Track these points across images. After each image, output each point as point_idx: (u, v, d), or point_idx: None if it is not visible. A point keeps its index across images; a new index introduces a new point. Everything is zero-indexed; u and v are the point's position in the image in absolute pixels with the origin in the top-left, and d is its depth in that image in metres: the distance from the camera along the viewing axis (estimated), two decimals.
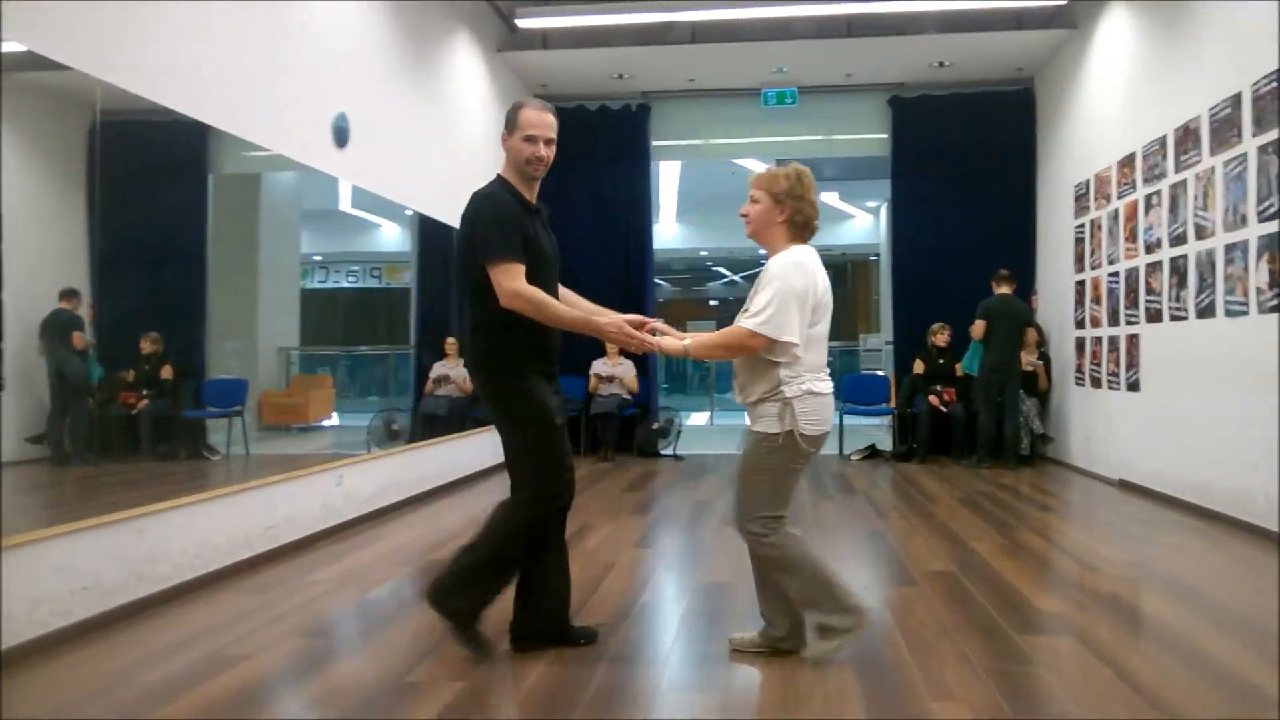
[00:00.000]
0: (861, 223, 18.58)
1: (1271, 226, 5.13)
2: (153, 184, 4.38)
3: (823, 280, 3.14)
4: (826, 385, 3.15)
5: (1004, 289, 8.58)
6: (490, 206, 3.17)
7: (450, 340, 7.84)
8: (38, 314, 3.74)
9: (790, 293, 3.00)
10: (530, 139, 3.21)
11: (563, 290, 3.44)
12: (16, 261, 3.55)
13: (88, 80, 3.77)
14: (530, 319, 3.11)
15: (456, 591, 3.24)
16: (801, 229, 3.20)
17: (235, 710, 2.87)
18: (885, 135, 10.04)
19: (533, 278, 3.13)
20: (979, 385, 8.62)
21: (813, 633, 3.21)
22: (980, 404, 8.58)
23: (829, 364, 3.23)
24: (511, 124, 3.26)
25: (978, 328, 8.55)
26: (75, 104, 3.80)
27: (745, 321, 3.03)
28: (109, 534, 3.79)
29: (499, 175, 3.31)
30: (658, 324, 3.35)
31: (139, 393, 4.32)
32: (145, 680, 3.11)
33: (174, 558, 4.17)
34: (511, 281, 3.07)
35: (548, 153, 3.23)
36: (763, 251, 3.27)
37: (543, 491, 3.25)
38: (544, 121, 3.24)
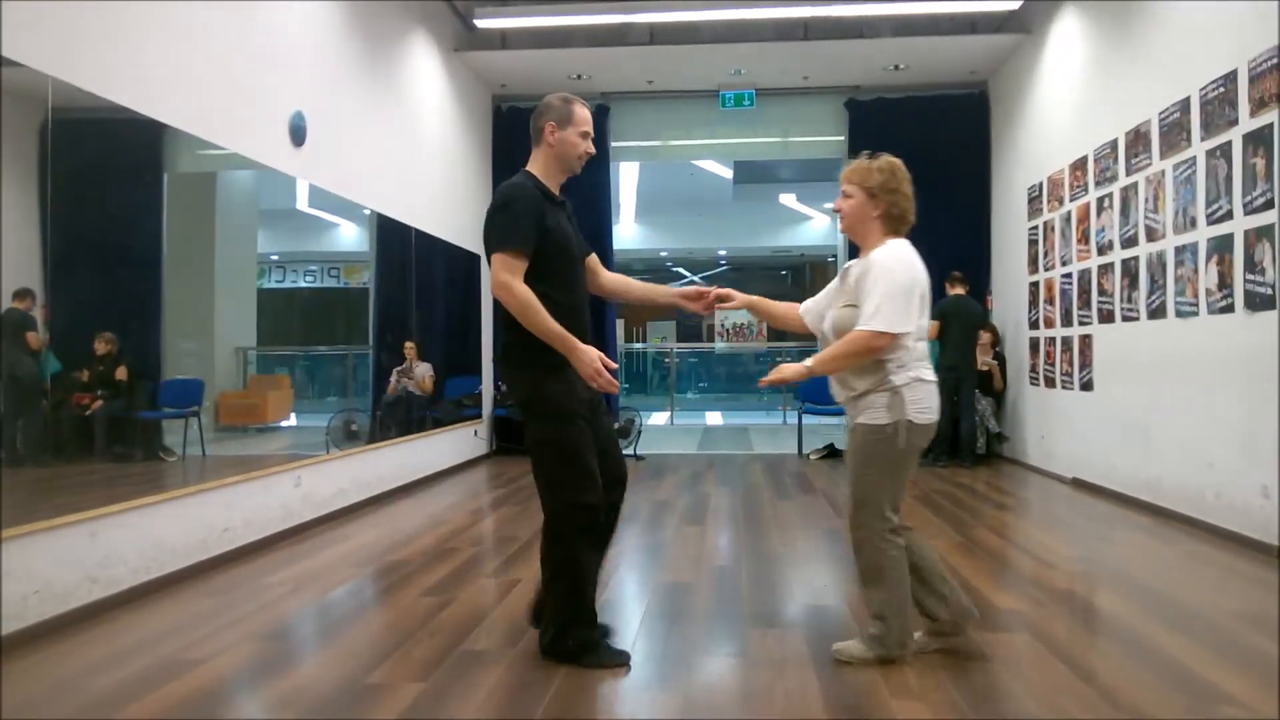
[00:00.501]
0: (819, 224, 18.77)
1: (1220, 229, 5.26)
2: (107, 182, 4.31)
3: (924, 271, 3.15)
4: (931, 373, 3.16)
5: (958, 290, 8.71)
6: (512, 196, 3.11)
7: (409, 344, 7.79)
8: None
9: (899, 286, 3.02)
10: (585, 134, 3.28)
11: (615, 276, 3.52)
12: None
13: (39, 77, 3.70)
14: (558, 312, 3.04)
15: (569, 631, 3.18)
16: (898, 222, 3.20)
17: (193, 714, 2.83)
18: (842, 137, 10.14)
19: (554, 269, 3.12)
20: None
21: (862, 635, 3.23)
22: None
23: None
24: (565, 118, 3.24)
25: (931, 328, 8.66)
26: (26, 101, 3.73)
27: (867, 325, 3.00)
28: (61, 537, 3.72)
29: (525, 169, 3.26)
30: (720, 291, 3.37)
31: (93, 393, 4.24)
32: (99, 685, 3.07)
33: (128, 560, 4.11)
34: (505, 273, 3.01)
35: (593, 150, 3.33)
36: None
37: (578, 497, 3.12)
38: (590, 117, 3.34)
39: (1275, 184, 4.74)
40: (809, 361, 3.12)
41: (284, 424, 6.51)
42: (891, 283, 3.02)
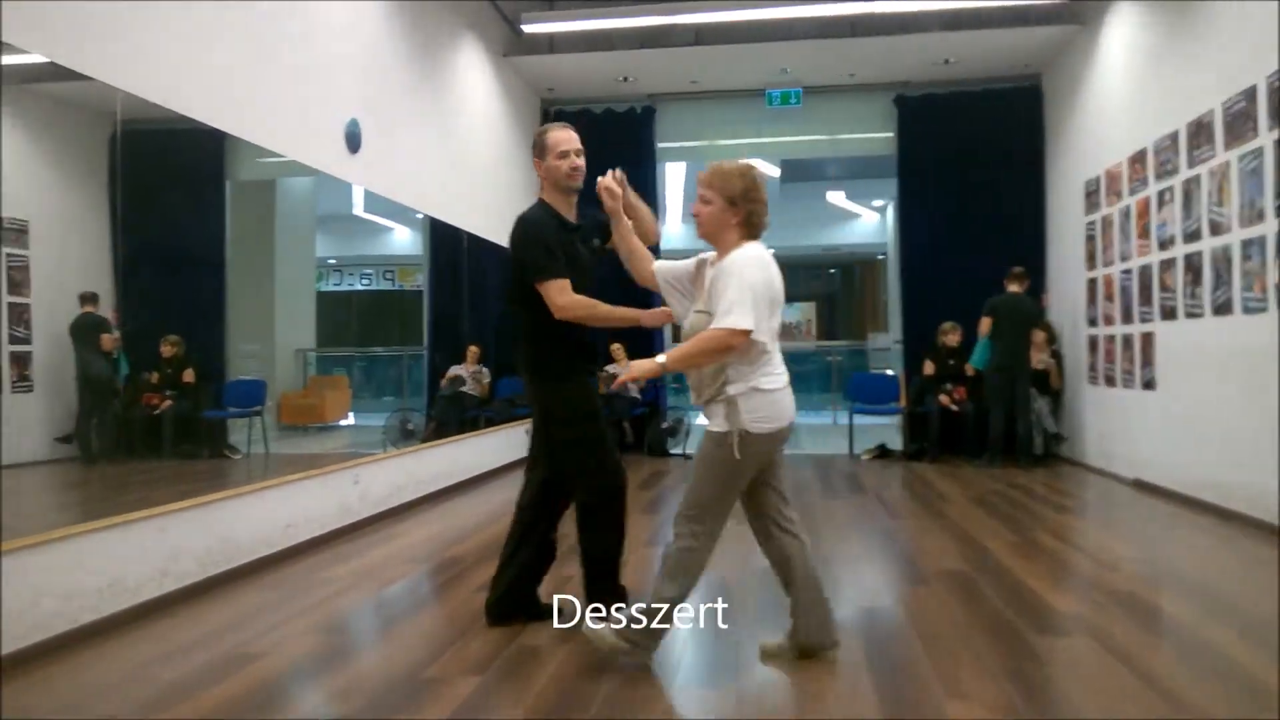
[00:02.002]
0: (868, 222, 18.59)
1: None
2: (172, 191, 4.46)
3: (778, 276, 3.12)
4: (777, 380, 3.08)
5: (1014, 287, 8.58)
6: (531, 230, 3.48)
7: (473, 348, 7.94)
8: (64, 318, 3.81)
9: (748, 284, 2.96)
10: (563, 154, 3.51)
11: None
12: (43, 267, 3.63)
13: (109, 90, 3.83)
14: (575, 324, 3.45)
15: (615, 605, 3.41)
16: (755, 229, 3.15)
17: (254, 706, 2.92)
18: (891, 134, 10.04)
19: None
20: (988, 384, 8.63)
21: (618, 615, 3.18)
22: (991, 403, 8.59)
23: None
24: (541, 149, 3.53)
25: (984, 325, 8.57)
26: (97, 114, 3.87)
27: (720, 323, 2.93)
28: (133, 532, 3.85)
29: (539, 199, 3.58)
30: (613, 180, 3.45)
31: (162, 394, 4.38)
32: (166, 675, 3.17)
33: (196, 555, 4.23)
34: (562, 296, 3.39)
35: (580, 162, 3.53)
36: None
37: (604, 479, 3.55)
38: (569, 136, 3.55)
39: None
40: (661, 358, 3.02)
41: (342, 423, 6.64)
42: (743, 281, 2.96)
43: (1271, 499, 5.24)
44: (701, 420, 3.21)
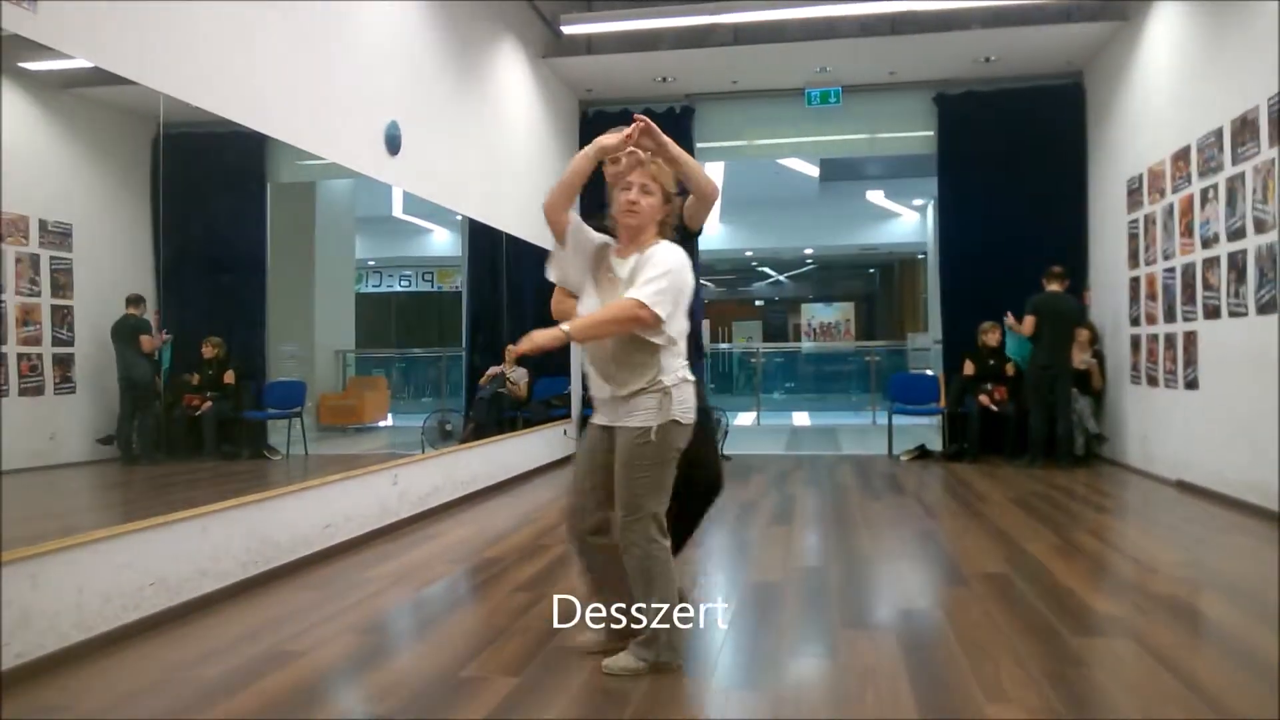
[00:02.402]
0: (908, 221, 18.44)
1: None
2: (213, 193, 4.52)
3: (692, 279, 3.13)
4: (691, 374, 3.15)
5: (1054, 286, 8.47)
6: None
7: (511, 349, 7.98)
8: (107, 320, 3.89)
9: (676, 280, 2.98)
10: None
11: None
12: (86, 270, 3.70)
13: (151, 94, 3.90)
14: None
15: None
16: (669, 230, 3.16)
17: (293, 705, 2.95)
18: (931, 133, 9.93)
19: None
20: (1029, 384, 8.52)
21: (634, 643, 3.12)
22: (1031, 403, 8.48)
23: None
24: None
25: (1026, 324, 8.46)
26: (139, 117, 3.94)
27: (636, 292, 2.92)
28: (175, 531, 3.91)
29: None
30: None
31: (203, 395, 4.45)
32: (207, 674, 3.21)
33: (236, 555, 4.29)
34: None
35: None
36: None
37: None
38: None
39: None
40: (565, 325, 2.96)
41: (381, 424, 6.70)
42: (675, 278, 2.97)
43: None
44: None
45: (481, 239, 7.64)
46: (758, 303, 26.55)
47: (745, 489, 7.45)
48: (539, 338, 2.94)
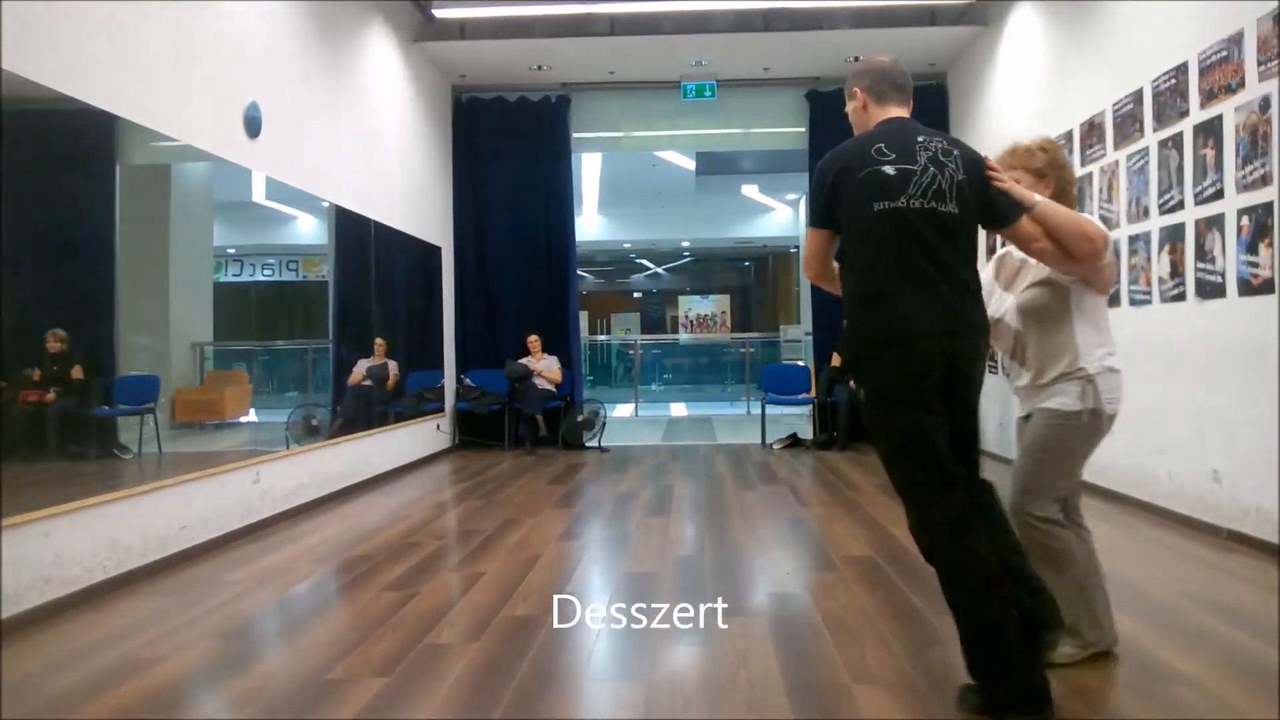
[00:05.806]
0: (781, 215, 18.85)
1: (1172, 219, 5.36)
2: (57, 175, 4.23)
3: None
4: (1120, 362, 3.00)
5: None
6: None
7: (380, 340, 7.77)
8: None
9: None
10: None
11: None
12: None
13: None
14: None
15: None
16: (1065, 198, 3.07)
17: (148, 714, 2.80)
18: (803, 129, 10.18)
19: None
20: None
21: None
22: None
23: None
24: None
25: None
26: None
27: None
28: (13, 537, 3.65)
29: None
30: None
31: (44, 391, 4.16)
32: (55, 685, 3.02)
33: (83, 560, 4.04)
34: None
35: None
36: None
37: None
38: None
39: (1224, 174, 4.83)
40: (1039, 198, 2.94)
41: (242, 420, 6.43)
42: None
43: (1155, 481, 5.47)
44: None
45: (350, 227, 7.41)
46: (636, 295, 26.71)
47: (623, 481, 7.48)
48: (1014, 186, 2.98)
